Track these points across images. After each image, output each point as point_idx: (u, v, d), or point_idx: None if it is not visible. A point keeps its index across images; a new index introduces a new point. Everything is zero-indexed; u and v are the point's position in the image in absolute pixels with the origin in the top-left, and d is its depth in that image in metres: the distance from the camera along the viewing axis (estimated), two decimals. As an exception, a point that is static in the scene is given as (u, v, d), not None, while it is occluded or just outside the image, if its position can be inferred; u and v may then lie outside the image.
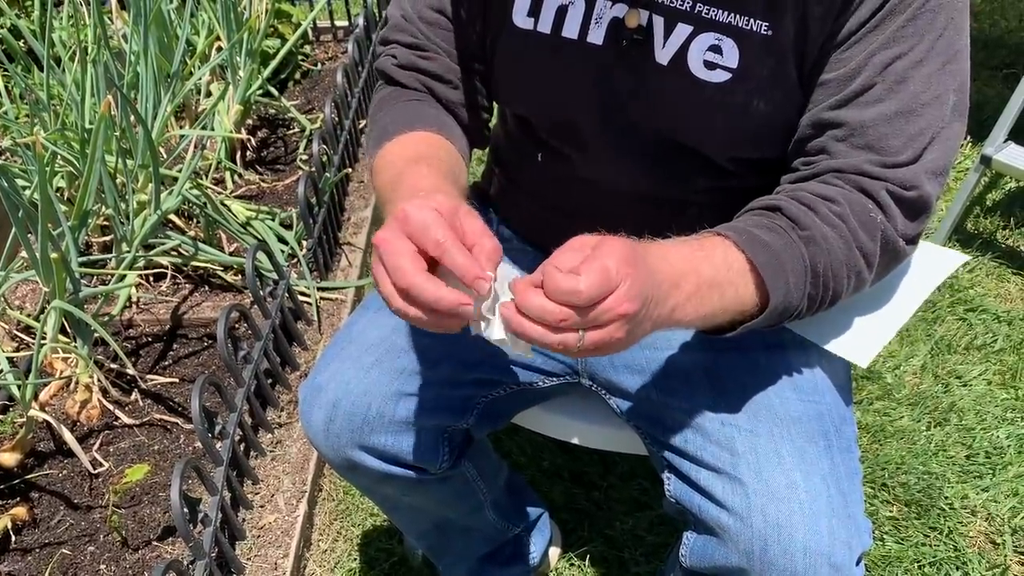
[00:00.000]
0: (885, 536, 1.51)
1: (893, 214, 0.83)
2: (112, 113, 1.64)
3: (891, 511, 1.55)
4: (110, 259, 1.75)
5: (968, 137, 2.45)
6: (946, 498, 1.56)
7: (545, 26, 0.92)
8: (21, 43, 2.15)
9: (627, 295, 0.66)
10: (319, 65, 2.70)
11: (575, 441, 1.20)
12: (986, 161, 1.94)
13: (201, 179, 1.97)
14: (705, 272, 0.76)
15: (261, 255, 1.77)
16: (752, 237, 0.80)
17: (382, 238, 0.70)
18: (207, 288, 1.87)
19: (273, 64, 2.24)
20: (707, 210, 0.93)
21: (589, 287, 0.64)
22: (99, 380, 1.59)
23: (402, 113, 0.97)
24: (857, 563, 0.86)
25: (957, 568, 1.47)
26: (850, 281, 0.84)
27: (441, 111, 1.01)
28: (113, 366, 1.68)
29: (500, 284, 0.70)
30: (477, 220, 0.72)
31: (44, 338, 1.52)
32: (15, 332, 1.69)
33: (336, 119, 2.11)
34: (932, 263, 1.04)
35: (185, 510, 1.21)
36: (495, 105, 1.07)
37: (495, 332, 0.70)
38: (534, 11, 0.92)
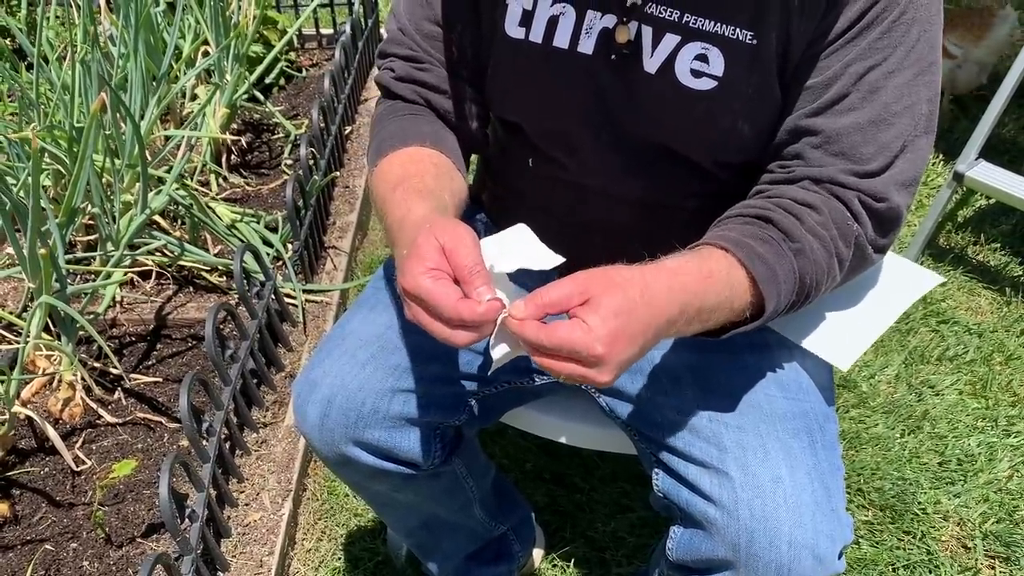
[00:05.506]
0: (861, 540, 1.55)
1: (865, 222, 0.88)
2: (103, 112, 1.64)
3: (866, 515, 1.59)
4: (95, 257, 1.75)
5: (941, 155, 2.51)
6: (919, 503, 1.60)
7: (537, 36, 0.94)
8: (8, 41, 2.15)
9: (604, 372, 0.72)
10: (303, 71, 2.71)
11: (563, 440, 1.22)
12: (958, 178, 1.99)
13: (187, 181, 1.97)
14: (709, 299, 0.80)
15: (248, 256, 1.77)
16: (752, 252, 0.83)
17: (411, 318, 0.79)
18: (191, 289, 1.87)
19: (260, 69, 2.26)
20: (698, 215, 0.95)
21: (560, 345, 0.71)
22: (83, 378, 1.59)
23: (396, 129, 0.99)
24: (839, 556, 0.89)
25: (930, 571, 1.50)
26: (826, 286, 0.88)
27: (436, 123, 1.02)
28: (96, 365, 1.67)
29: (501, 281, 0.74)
30: (448, 236, 0.76)
31: (29, 334, 1.52)
32: (-3, 329, 1.69)
33: (323, 123, 2.12)
34: (911, 280, 1.09)
35: (173, 505, 1.21)
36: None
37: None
38: (525, 21, 0.94)
